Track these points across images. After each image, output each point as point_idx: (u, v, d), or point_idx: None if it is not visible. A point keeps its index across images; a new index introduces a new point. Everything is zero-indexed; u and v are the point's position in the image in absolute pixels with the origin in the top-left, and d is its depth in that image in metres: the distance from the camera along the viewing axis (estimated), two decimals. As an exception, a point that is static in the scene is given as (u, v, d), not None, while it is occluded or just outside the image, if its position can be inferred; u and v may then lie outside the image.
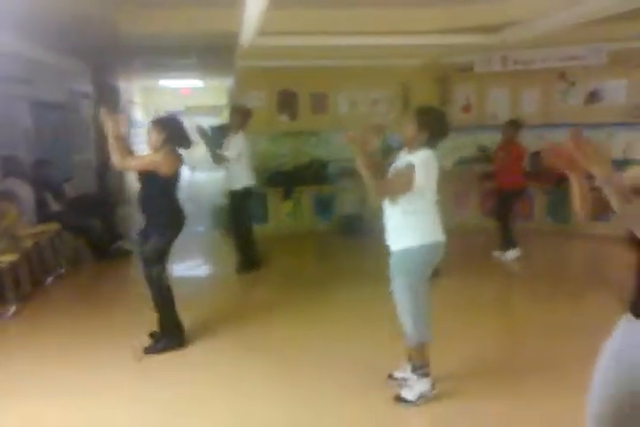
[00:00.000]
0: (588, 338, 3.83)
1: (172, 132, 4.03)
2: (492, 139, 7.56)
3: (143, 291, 4.15)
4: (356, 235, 8.10)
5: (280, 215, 8.35)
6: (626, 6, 4.29)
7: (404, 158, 3.19)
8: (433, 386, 3.23)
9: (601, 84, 7.32)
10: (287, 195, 8.24)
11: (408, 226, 3.14)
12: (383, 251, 3.30)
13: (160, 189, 4.01)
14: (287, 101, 8.36)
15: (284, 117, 8.41)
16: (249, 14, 4.17)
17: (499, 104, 8.09)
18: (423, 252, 3.12)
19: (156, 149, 4.00)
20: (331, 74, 8.15)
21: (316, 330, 4.46)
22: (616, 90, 7.24)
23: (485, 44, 6.10)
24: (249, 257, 6.21)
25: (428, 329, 3.20)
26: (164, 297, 4.10)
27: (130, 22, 6.09)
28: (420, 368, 3.22)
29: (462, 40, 6.06)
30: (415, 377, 3.23)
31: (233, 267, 6.20)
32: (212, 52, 7.70)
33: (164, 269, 4.08)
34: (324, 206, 8.51)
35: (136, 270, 4.88)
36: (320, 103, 8.47)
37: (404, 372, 3.37)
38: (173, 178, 4.07)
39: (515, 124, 6.37)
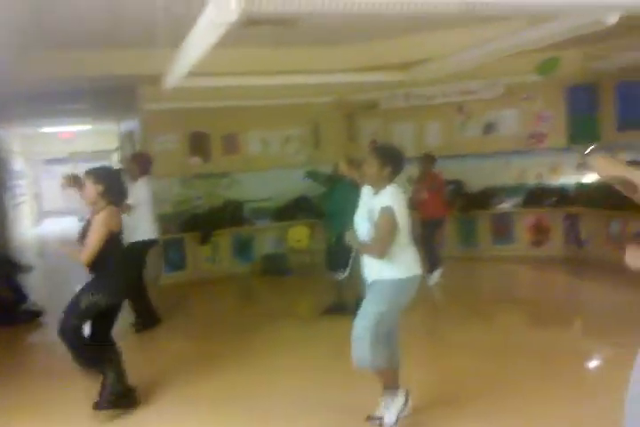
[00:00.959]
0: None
1: (109, 184, 3.79)
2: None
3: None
4: (280, 274, 8.03)
5: (198, 260, 8.05)
6: (533, 45, 4.70)
7: (374, 201, 3.21)
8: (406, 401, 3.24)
9: (495, 116, 7.93)
10: (205, 239, 7.98)
11: (393, 259, 3.14)
12: (309, 288, 3.30)
13: (111, 246, 3.73)
14: (199, 143, 8.19)
15: (196, 160, 8.21)
16: (188, 55, 4.06)
17: (404, 138, 8.48)
18: (408, 284, 3.16)
19: (93, 203, 3.74)
20: (241, 114, 8.12)
21: (271, 375, 4.27)
22: (509, 121, 7.87)
23: (398, 81, 6.40)
24: (146, 314, 5.67)
25: (396, 356, 3.28)
26: (91, 353, 3.74)
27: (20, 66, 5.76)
28: (390, 388, 3.24)
29: (375, 78, 6.32)
30: (389, 397, 3.23)
31: (130, 327, 5.59)
32: (105, 96, 7.44)
33: (81, 326, 3.71)
34: (242, 248, 8.35)
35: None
36: (231, 144, 8.38)
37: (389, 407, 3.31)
38: (120, 233, 3.82)
39: (429, 158, 6.74)
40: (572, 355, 4.29)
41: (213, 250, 8.15)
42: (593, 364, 4.43)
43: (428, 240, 6.62)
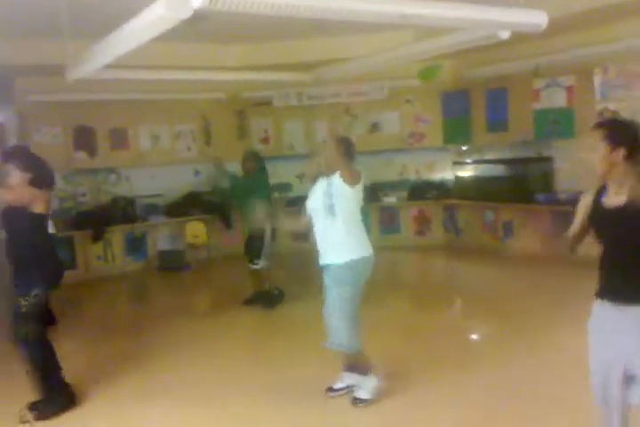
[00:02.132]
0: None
1: (37, 171, 3.66)
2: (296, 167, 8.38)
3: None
4: (178, 270, 7.98)
5: (90, 259, 7.74)
6: (432, 54, 5.27)
7: (333, 182, 3.43)
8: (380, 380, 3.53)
9: (380, 117, 8.57)
10: (97, 237, 7.68)
11: (349, 241, 3.41)
12: (207, 283, 3.51)
13: (36, 228, 3.60)
14: (84, 137, 7.84)
15: (81, 155, 7.85)
16: (115, 48, 4.01)
17: (294, 136, 8.83)
18: (364, 263, 3.45)
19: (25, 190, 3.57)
20: (130, 108, 7.92)
21: (182, 368, 4.34)
22: (392, 121, 8.55)
23: (294, 80, 6.70)
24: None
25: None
26: (46, 359, 3.64)
27: None
28: (365, 369, 3.51)
29: (277, 77, 6.57)
30: (363, 378, 3.51)
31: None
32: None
33: (43, 326, 3.65)
34: (135, 245, 8.15)
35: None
36: (120, 138, 8.13)
37: (344, 382, 3.62)
38: (46, 217, 3.69)
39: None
40: (456, 331, 4.84)
41: (105, 248, 7.88)
42: (473, 337, 4.96)
43: None
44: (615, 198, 2.20)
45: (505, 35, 4.35)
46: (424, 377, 3.81)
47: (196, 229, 8.38)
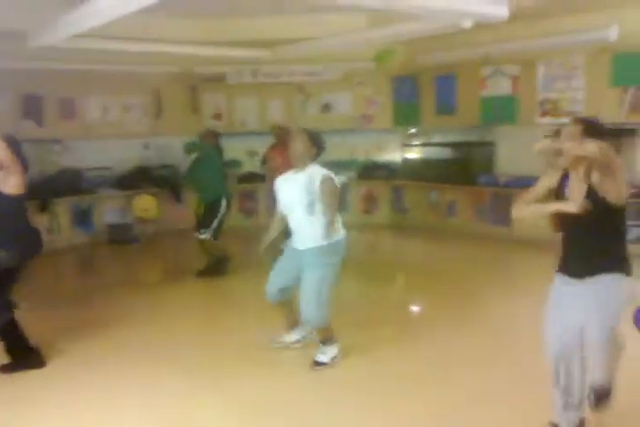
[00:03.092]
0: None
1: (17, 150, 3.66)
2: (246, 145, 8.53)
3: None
4: (127, 243, 7.95)
5: (36, 231, 7.56)
6: (393, 38, 5.50)
7: (304, 175, 3.61)
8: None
9: (332, 97, 8.76)
10: (42, 208, 7.52)
11: (327, 228, 3.57)
12: (158, 256, 3.67)
13: (12, 199, 3.61)
14: (32, 106, 7.60)
15: (28, 123, 7.62)
16: (90, 17, 3.99)
17: (247, 113, 8.89)
18: (342, 244, 3.69)
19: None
20: (80, 78, 7.73)
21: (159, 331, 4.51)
22: (344, 102, 8.76)
23: (257, 57, 6.77)
24: None
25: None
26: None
27: None
28: (329, 340, 3.78)
29: (237, 53, 6.62)
30: (324, 346, 3.77)
31: None
32: None
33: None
34: (83, 218, 8.04)
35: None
36: (68, 109, 7.93)
37: (286, 337, 4.03)
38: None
39: (284, 130, 7.28)
40: (400, 303, 5.22)
41: (52, 220, 7.72)
42: (414, 309, 5.33)
43: None
44: (578, 189, 2.50)
45: (467, 24, 4.63)
46: (378, 344, 4.10)
47: (145, 203, 8.32)
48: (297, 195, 3.63)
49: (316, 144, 3.67)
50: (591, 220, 2.45)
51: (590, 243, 2.54)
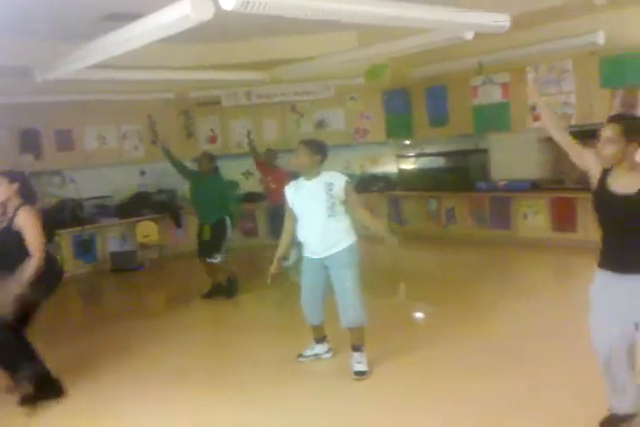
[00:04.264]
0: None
1: (23, 186, 3.74)
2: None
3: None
4: (131, 270, 7.94)
5: (40, 263, 7.51)
6: (393, 54, 5.65)
7: (320, 183, 3.75)
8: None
9: (325, 114, 8.91)
10: (49, 240, 7.46)
11: (346, 228, 3.79)
12: (164, 281, 3.71)
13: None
14: (30, 140, 7.62)
15: (26, 157, 7.61)
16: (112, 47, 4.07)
17: (242, 134, 8.97)
18: (358, 245, 3.83)
19: (10, 201, 3.66)
20: (75, 109, 7.78)
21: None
22: (337, 118, 8.91)
23: (255, 80, 6.90)
24: None
25: None
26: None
27: None
28: (362, 345, 3.85)
29: (235, 76, 6.74)
30: (357, 354, 3.84)
31: None
32: None
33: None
34: (85, 248, 8.01)
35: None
36: (65, 140, 7.96)
37: (313, 349, 4.13)
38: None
39: (272, 152, 7.42)
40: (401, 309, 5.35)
41: (55, 251, 7.68)
42: (423, 315, 5.40)
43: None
44: (623, 186, 2.51)
45: (469, 35, 4.79)
46: (393, 349, 4.19)
47: (146, 229, 8.35)
48: (317, 200, 3.74)
49: (320, 152, 3.81)
50: (633, 218, 2.50)
51: (628, 239, 2.54)
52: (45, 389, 3.69)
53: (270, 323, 5.26)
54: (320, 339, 4.13)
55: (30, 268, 3.51)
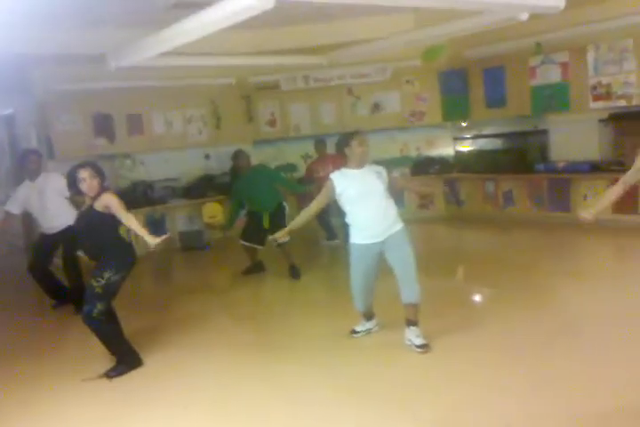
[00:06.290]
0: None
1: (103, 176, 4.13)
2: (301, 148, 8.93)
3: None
4: (199, 249, 8.39)
5: (115, 241, 8.06)
6: (451, 35, 5.72)
7: (371, 172, 3.99)
8: None
9: (381, 97, 9.02)
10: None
11: (395, 212, 4.05)
12: (230, 260, 3.89)
13: (114, 225, 4.14)
14: (103, 124, 8.14)
15: (101, 141, 8.16)
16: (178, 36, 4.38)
17: (301, 117, 9.23)
18: None
19: (96, 192, 4.03)
20: (144, 95, 8.23)
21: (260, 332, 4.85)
22: (393, 101, 9.01)
23: (314, 64, 7.11)
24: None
25: None
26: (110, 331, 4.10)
27: None
28: (418, 320, 4.06)
29: (295, 61, 6.96)
30: (415, 328, 4.04)
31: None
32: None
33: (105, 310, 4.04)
34: (156, 227, 8.50)
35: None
36: (136, 124, 8.45)
37: (364, 325, 4.39)
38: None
39: (322, 144, 7.58)
40: (468, 291, 5.46)
41: (128, 231, 8.19)
42: (481, 296, 5.49)
43: (325, 213, 7.30)
44: None
45: (524, 16, 4.83)
46: (447, 326, 4.37)
47: (212, 210, 8.75)
48: (374, 184, 3.97)
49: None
50: None
51: None
52: (127, 360, 4.09)
53: (324, 300, 5.55)
54: (369, 317, 4.39)
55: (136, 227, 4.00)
